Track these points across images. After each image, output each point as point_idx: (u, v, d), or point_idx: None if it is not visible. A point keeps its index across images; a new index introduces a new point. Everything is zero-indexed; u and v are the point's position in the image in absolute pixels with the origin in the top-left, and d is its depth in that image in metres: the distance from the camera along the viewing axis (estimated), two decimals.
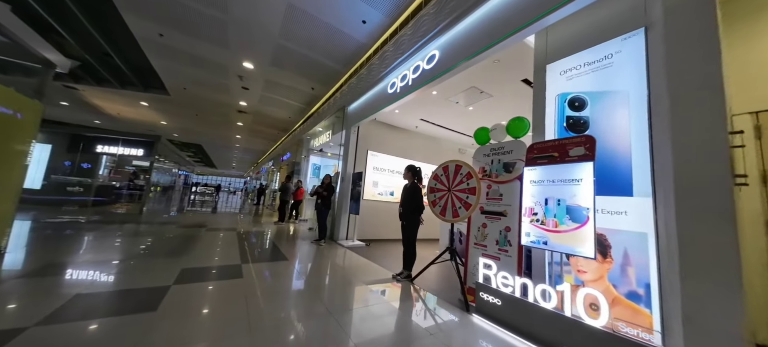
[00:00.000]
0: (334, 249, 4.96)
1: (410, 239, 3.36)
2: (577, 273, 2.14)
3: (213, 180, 45.01)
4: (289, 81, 6.78)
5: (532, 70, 3.59)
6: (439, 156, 7.45)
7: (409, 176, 3.52)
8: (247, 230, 6.38)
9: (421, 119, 6.03)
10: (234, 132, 13.36)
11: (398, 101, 4.36)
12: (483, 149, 2.92)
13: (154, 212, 8.88)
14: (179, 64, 6.43)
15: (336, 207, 5.92)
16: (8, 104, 2.96)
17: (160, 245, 4.18)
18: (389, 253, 5.07)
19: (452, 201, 2.97)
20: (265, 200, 17.97)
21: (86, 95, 9.40)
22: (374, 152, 6.33)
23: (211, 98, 8.51)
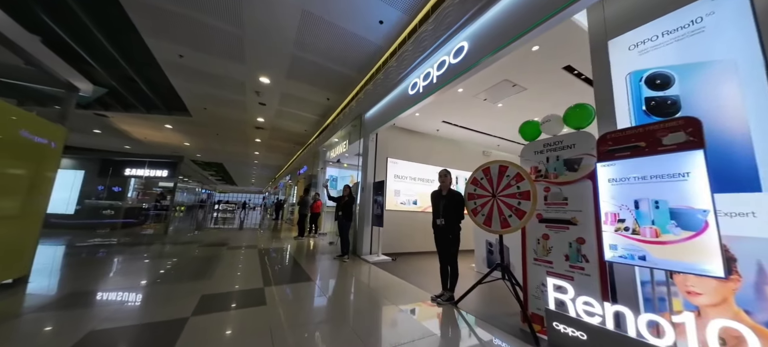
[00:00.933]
0: (359, 266, 4.62)
1: (454, 255, 2.94)
2: (686, 296, 1.65)
3: (234, 197, 46.52)
4: (304, 93, 6.68)
5: (578, 55, 3.15)
6: (461, 160, 7.01)
7: (449, 181, 3.13)
8: (267, 247, 6.19)
9: (444, 121, 5.67)
10: (252, 149, 13.59)
11: (420, 103, 4.04)
12: (533, 146, 2.50)
13: (178, 231, 8.99)
14: (199, 85, 6.52)
15: (357, 220, 5.61)
16: (30, 128, 2.93)
17: (181, 268, 4.02)
18: (419, 268, 4.64)
19: (499, 209, 2.55)
20: (283, 215, 18.09)
21: (115, 122, 9.87)
22: (394, 159, 6.01)
23: (230, 116, 8.62)
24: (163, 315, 2.34)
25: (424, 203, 6.21)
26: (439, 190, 3.17)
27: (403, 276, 3.98)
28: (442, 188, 3.13)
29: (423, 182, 6.29)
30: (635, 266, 1.72)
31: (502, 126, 5.84)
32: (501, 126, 5.84)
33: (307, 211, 7.95)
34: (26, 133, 2.89)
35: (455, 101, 4.75)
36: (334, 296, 3.08)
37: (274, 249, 6.03)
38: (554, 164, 2.30)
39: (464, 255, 6.12)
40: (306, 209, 7.95)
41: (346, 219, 5.10)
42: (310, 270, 4.24)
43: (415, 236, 6.00)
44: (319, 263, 4.77)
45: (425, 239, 6.13)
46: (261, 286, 3.22)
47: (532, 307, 2.26)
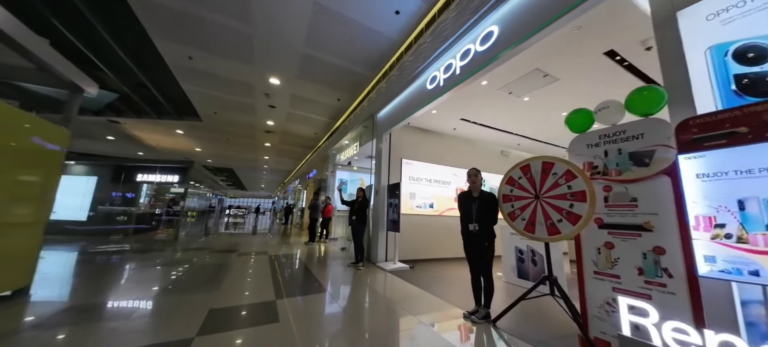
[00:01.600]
0: (375, 274, 4.30)
1: (489, 265, 2.60)
2: None
3: (245, 202, 47.08)
4: (314, 94, 6.49)
5: (625, 36, 2.79)
6: (478, 161, 6.62)
7: (480, 181, 2.80)
8: (277, 254, 5.96)
9: (462, 118, 5.33)
10: (262, 153, 13.55)
11: (440, 98, 3.73)
12: (584, 138, 2.15)
13: (189, 236, 8.91)
14: (209, 88, 6.42)
15: (371, 224, 5.31)
16: (38, 133, 2.77)
17: (189, 276, 3.81)
18: (440, 277, 4.29)
19: (544, 212, 2.21)
20: (292, 219, 17.98)
21: (128, 128, 9.95)
22: (409, 159, 5.70)
23: (240, 120, 8.53)
24: (166, 335, 2.09)
25: (441, 207, 5.86)
26: (468, 192, 2.84)
27: (424, 287, 3.64)
28: (472, 189, 2.80)
29: (439, 184, 5.95)
30: (745, 283, 1.35)
31: (526, 123, 5.45)
32: (525, 123, 5.45)
33: (318, 215, 7.71)
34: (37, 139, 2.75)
35: (476, 96, 4.42)
36: (352, 310, 2.78)
37: (284, 256, 5.79)
38: (616, 158, 1.95)
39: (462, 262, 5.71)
40: (317, 213, 7.71)
41: (360, 224, 4.80)
42: (324, 278, 3.95)
43: (432, 243, 5.65)
44: (332, 271, 4.48)
45: (443, 245, 5.77)
46: (272, 298, 2.95)
47: (593, 330, 1.89)
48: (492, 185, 6.84)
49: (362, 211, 4.85)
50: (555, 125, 5.49)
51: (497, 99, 4.40)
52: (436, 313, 2.77)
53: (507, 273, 4.08)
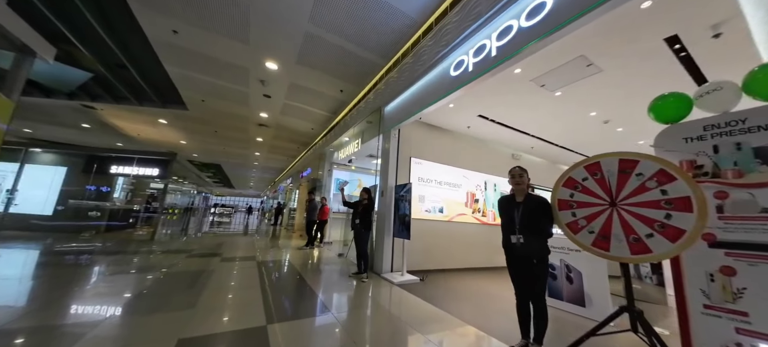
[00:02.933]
0: (382, 288, 3.73)
1: (540, 289, 2.07)
2: None
3: (232, 201, 45.49)
4: (315, 83, 5.90)
5: (694, 16, 2.36)
6: (487, 163, 6.20)
7: (527, 182, 2.29)
8: (267, 260, 5.29)
9: (480, 115, 4.86)
10: (253, 149, 12.77)
11: (463, 88, 3.25)
12: (680, 130, 1.68)
13: (168, 236, 8.08)
14: (196, 71, 5.74)
15: (374, 230, 4.74)
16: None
17: (160, 289, 3.14)
18: (456, 291, 3.75)
19: (624, 223, 1.71)
20: (282, 220, 17.13)
21: (105, 115, 9.06)
22: (418, 159, 5.18)
23: (231, 111, 7.84)
24: None
25: (451, 212, 5.36)
26: (510, 196, 2.33)
27: (444, 305, 3.09)
28: (515, 192, 2.30)
29: (449, 187, 5.45)
30: None
31: (548, 123, 5.02)
32: (547, 123, 5.02)
33: (315, 217, 7.05)
34: None
35: (501, 89, 3.96)
36: (363, 340, 2.20)
37: (276, 262, 5.13)
38: (733, 155, 1.47)
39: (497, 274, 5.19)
40: (314, 214, 7.05)
41: (364, 229, 4.23)
42: (324, 293, 3.35)
43: (442, 251, 5.12)
44: (332, 283, 3.88)
45: (454, 254, 5.26)
46: (262, 323, 2.33)
47: None
48: (503, 190, 6.40)
49: (367, 214, 4.29)
50: (580, 128, 5.11)
51: (525, 93, 3.95)
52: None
53: None
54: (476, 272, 5.23)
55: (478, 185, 5.90)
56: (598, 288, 2.89)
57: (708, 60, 2.87)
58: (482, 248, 5.68)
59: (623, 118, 4.56)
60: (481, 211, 5.80)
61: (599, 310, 2.83)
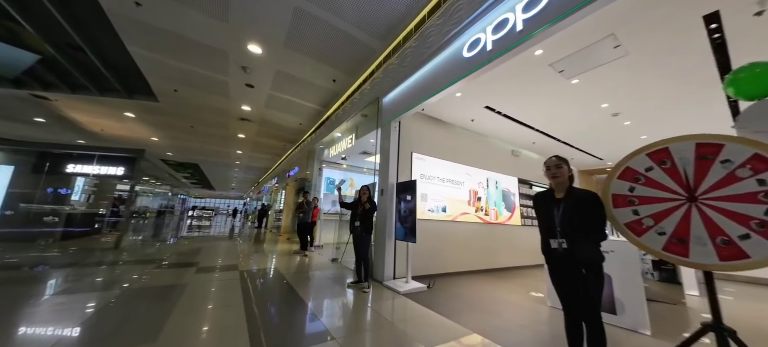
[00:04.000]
0: (387, 299, 3.29)
1: (593, 304, 1.70)
2: None
3: (214, 203, 43.31)
4: (305, 71, 5.36)
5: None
6: (487, 159, 5.92)
7: (566, 173, 1.91)
8: (251, 269, 4.70)
9: (487, 106, 4.53)
10: (234, 147, 11.90)
11: (478, 71, 2.88)
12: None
13: (139, 243, 7.20)
14: (166, 55, 5.02)
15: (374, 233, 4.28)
16: None
17: (115, 313, 2.52)
18: (470, 301, 3.37)
19: (708, 222, 1.38)
20: (267, 223, 16.27)
21: (61, 107, 7.99)
22: (420, 154, 4.78)
23: (208, 103, 7.09)
24: None
25: (454, 211, 5.00)
26: (548, 191, 1.97)
27: (457, 318, 2.70)
28: (553, 186, 1.93)
29: (452, 185, 5.10)
30: None
31: (557, 116, 4.78)
32: (556, 116, 4.78)
33: (309, 219, 6.48)
34: None
35: (515, 76, 3.64)
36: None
37: (261, 271, 4.55)
38: None
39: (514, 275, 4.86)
40: (308, 216, 6.48)
41: (365, 232, 3.77)
42: (322, 310, 2.87)
43: (446, 253, 4.75)
44: (330, 296, 3.39)
45: (459, 256, 4.91)
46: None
47: None
48: (505, 187, 6.15)
49: (369, 216, 3.83)
50: (587, 122, 4.94)
51: (539, 81, 3.64)
52: None
53: (554, 296, 3.27)
54: (481, 275, 4.91)
55: (480, 183, 5.59)
56: (631, 294, 2.60)
57: (744, 46, 2.65)
58: (486, 250, 5.38)
59: (633, 110, 4.40)
60: (484, 210, 5.50)
61: (634, 319, 2.55)
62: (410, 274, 3.82)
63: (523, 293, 3.87)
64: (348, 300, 3.22)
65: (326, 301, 3.15)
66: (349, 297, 3.29)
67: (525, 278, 4.94)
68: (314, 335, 2.26)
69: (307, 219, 6.32)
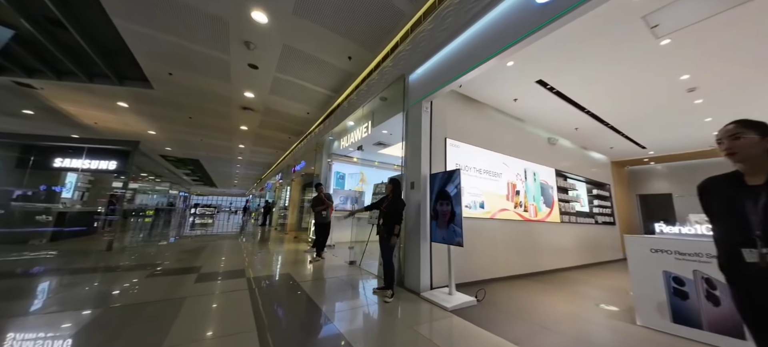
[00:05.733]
0: (436, 318, 2.62)
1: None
2: None
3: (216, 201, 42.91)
4: (316, 46, 4.64)
5: None
6: (521, 148, 5.20)
7: (759, 151, 1.20)
8: (261, 276, 4.05)
9: (539, 80, 3.80)
10: (236, 141, 11.24)
11: (550, 24, 2.19)
12: None
13: (133, 245, 6.59)
14: (157, 29, 4.33)
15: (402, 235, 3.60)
16: None
17: (94, 337, 1.87)
18: (541, 320, 2.69)
19: None
20: (271, 220, 15.71)
21: (49, 97, 7.34)
22: (455, 141, 4.08)
23: (207, 88, 6.40)
24: None
25: (492, 207, 4.31)
26: (729, 176, 1.27)
27: (530, 344, 2.03)
28: (742, 170, 1.23)
29: (489, 177, 4.40)
30: None
31: (621, 92, 4.01)
32: (619, 92, 4.02)
33: (327, 218, 5.52)
34: None
35: (591, 35, 2.92)
36: None
37: (273, 280, 3.90)
38: None
39: (563, 280, 3.97)
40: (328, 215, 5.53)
41: (390, 233, 3.10)
42: (359, 339, 2.20)
43: (488, 256, 4.07)
44: (362, 314, 2.73)
45: (502, 258, 4.24)
46: None
47: None
48: (543, 180, 5.43)
49: (396, 215, 3.15)
50: (654, 100, 4.20)
51: (620, 41, 2.93)
52: None
53: (648, 313, 2.59)
54: (526, 281, 4.24)
55: (518, 174, 4.88)
56: None
57: None
58: (529, 251, 4.70)
59: (715, 85, 3.66)
60: (523, 205, 4.80)
61: None
62: (453, 284, 3.14)
63: (589, 305, 3.19)
64: (381, 316, 2.55)
65: (359, 322, 2.49)
66: (382, 313, 2.62)
67: (577, 284, 4.27)
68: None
69: (328, 218, 5.46)
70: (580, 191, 6.66)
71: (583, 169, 6.87)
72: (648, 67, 3.37)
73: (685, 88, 3.79)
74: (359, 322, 2.48)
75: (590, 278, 4.78)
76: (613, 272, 5.62)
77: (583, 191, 6.79)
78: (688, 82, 3.63)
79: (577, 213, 6.21)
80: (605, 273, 5.29)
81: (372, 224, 4.94)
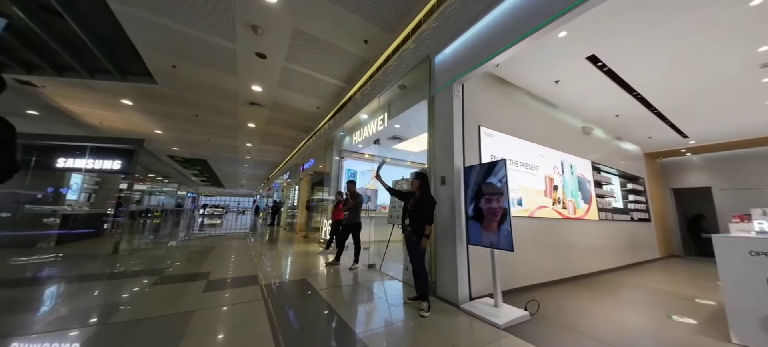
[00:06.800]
0: (477, 333, 2.18)
1: None
2: None
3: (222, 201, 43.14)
4: (330, 29, 4.21)
5: None
6: (560, 137, 4.70)
7: None
8: (273, 282, 3.67)
9: (590, 56, 3.30)
10: (243, 139, 10.94)
11: None
12: None
13: (140, 247, 6.32)
14: (158, 13, 3.96)
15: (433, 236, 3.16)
16: None
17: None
18: (610, 340, 2.23)
19: None
20: (279, 220, 15.48)
21: (51, 95, 7.12)
22: (489, 129, 3.61)
23: (213, 82, 6.05)
24: None
25: (531, 205, 3.83)
26: None
27: None
28: None
29: (526, 170, 3.92)
30: None
31: (679, 70, 3.49)
32: (678, 70, 3.49)
33: (356, 218, 4.74)
34: None
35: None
36: None
37: (288, 287, 3.51)
38: None
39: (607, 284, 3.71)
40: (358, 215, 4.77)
41: (418, 233, 2.67)
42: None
43: (528, 260, 3.60)
44: (389, 325, 2.31)
45: (543, 262, 3.77)
46: None
47: None
48: (580, 174, 4.92)
49: (426, 214, 2.71)
50: (714, 83, 3.66)
51: (699, 4, 2.41)
52: None
53: (747, 328, 2.10)
54: (571, 286, 3.78)
55: (555, 167, 4.39)
56: None
57: None
58: (570, 253, 4.22)
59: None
60: (561, 201, 4.31)
61: None
62: (499, 293, 2.69)
63: (659, 317, 2.71)
64: (434, 343, 2.12)
65: (390, 336, 2.07)
66: (433, 338, 2.19)
67: (626, 289, 3.78)
68: None
69: (356, 219, 4.73)
70: (614, 185, 6.11)
71: (614, 161, 6.31)
72: (725, 35, 2.84)
73: (759, 63, 3.25)
74: (399, 345, 2.06)
75: (637, 281, 4.27)
76: (656, 273, 5.09)
77: (616, 186, 6.24)
78: (765, 56, 3.09)
79: (613, 210, 5.68)
80: (649, 276, 4.77)
81: (393, 224, 4.52)
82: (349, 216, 4.74)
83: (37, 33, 4.54)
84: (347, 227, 4.76)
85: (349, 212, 4.74)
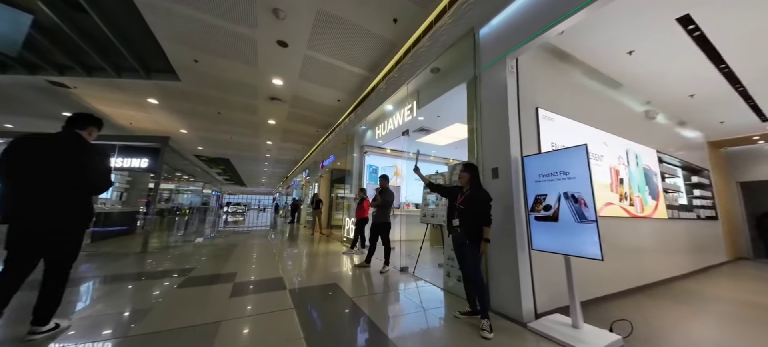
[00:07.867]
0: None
1: None
2: None
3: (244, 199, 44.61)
4: (357, 5, 3.80)
5: None
6: (622, 123, 4.00)
7: None
8: (298, 287, 3.36)
9: (681, 17, 2.66)
10: (264, 137, 10.90)
11: None
12: None
13: (168, 244, 6.34)
14: (175, 0, 3.74)
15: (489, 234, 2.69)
16: None
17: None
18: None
19: None
20: (299, 217, 15.53)
21: (83, 96, 7.31)
22: (548, 112, 3.06)
23: (234, 76, 5.88)
24: None
25: (598, 201, 3.21)
26: None
27: None
28: None
29: (591, 161, 3.32)
30: None
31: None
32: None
33: (388, 217, 4.36)
34: None
35: None
36: None
37: (319, 293, 3.19)
38: None
39: (682, 293, 2.87)
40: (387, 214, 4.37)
41: (482, 239, 2.21)
42: None
43: (598, 266, 3.04)
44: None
45: (616, 268, 3.19)
46: None
47: None
48: (646, 165, 4.23)
49: (483, 213, 2.26)
50: None
51: None
52: None
53: None
54: (640, 295, 3.18)
55: (619, 157, 3.75)
56: None
57: None
58: (641, 257, 3.60)
59: None
60: (628, 197, 3.67)
61: None
62: (579, 310, 2.18)
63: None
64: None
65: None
66: None
67: (712, 301, 3.13)
68: None
69: (386, 218, 4.36)
70: (678, 178, 5.30)
71: (675, 150, 5.47)
72: None
73: None
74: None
75: (717, 291, 3.58)
76: (733, 280, 4.32)
77: (681, 179, 5.42)
78: None
79: (679, 207, 4.90)
80: (726, 283, 4.04)
81: (427, 224, 4.09)
82: (377, 215, 4.36)
83: (63, 30, 4.51)
84: (376, 227, 4.38)
85: (377, 209, 4.36)
